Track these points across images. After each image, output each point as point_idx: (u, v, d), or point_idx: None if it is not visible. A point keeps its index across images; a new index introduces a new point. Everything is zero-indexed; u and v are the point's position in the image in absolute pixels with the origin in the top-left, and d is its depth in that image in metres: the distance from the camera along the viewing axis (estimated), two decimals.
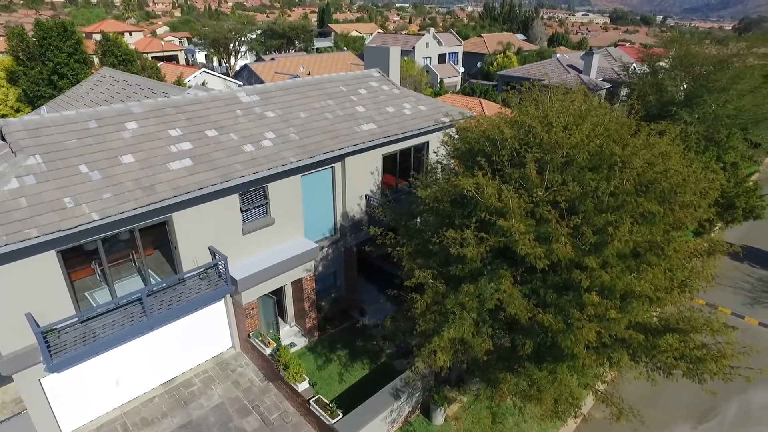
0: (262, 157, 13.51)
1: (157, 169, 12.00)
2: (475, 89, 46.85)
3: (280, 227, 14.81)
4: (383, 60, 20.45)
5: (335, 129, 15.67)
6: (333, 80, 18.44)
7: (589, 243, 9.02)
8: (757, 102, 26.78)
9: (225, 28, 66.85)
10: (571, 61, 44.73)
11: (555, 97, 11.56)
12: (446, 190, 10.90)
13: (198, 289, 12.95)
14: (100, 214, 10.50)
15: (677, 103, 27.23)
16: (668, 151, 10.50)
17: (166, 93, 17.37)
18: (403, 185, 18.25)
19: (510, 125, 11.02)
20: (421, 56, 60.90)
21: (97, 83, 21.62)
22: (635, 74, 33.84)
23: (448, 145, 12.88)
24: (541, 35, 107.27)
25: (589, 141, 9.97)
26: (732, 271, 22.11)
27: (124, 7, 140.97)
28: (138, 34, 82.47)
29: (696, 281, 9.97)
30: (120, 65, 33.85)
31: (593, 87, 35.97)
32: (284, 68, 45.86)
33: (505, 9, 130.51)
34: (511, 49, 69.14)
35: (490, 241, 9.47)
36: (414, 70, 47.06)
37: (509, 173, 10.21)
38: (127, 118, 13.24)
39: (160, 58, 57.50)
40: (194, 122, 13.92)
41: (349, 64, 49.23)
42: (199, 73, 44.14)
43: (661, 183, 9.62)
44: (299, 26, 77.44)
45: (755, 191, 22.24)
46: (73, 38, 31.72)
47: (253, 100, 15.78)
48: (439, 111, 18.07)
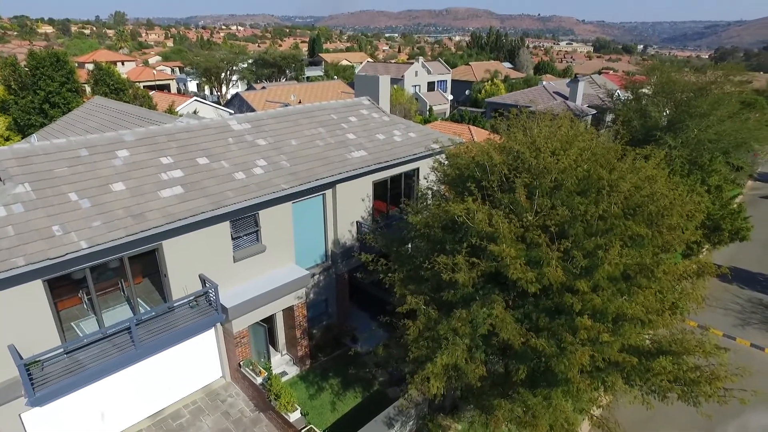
0: (253, 185, 13.54)
1: (147, 197, 11.97)
2: (464, 116, 47.62)
3: (272, 254, 14.74)
4: (373, 88, 20.79)
5: (326, 156, 15.79)
6: (324, 108, 18.68)
7: (579, 266, 9.07)
8: (736, 127, 27.61)
9: (217, 58, 67.67)
10: (557, 88, 45.77)
11: (542, 123, 11.79)
12: (437, 215, 10.96)
13: (188, 317, 12.76)
14: (89, 243, 10.39)
15: (661, 128, 27.92)
16: (654, 174, 10.69)
17: (158, 121, 17.46)
18: (394, 211, 18.33)
19: (499, 151, 11.20)
20: (410, 84, 61.97)
21: (89, 112, 21.69)
22: (619, 100, 34.72)
23: (438, 171, 13.00)
24: (528, 63, 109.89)
25: (577, 166, 10.13)
26: (721, 293, 22.26)
27: (117, 38, 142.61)
28: (130, 63, 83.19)
29: (686, 303, 10.03)
30: (112, 94, 34.06)
31: (579, 113, 36.76)
32: (275, 97, 46.34)
33: (491, 38, 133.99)
34: (499, 76, 70.68)
35: (482, 266, 9.50)
36: (403, 98, 47.82)
37: (499, 198, 10.31)
38: (118, 146, 13.26)
39: (151, 87, 57.91)
40: (186, 150, 13.96)
41: (340, 93, 49.90)
42: (190, 101, 44.43)
43: (649, 206, 9.76)
44: (290, 55, 78.66)
45: (740, 213, 22.64)
46: (65, 68, 31.95)
47: (244, 128, 15.91)
48: (428, 138, 18.31)
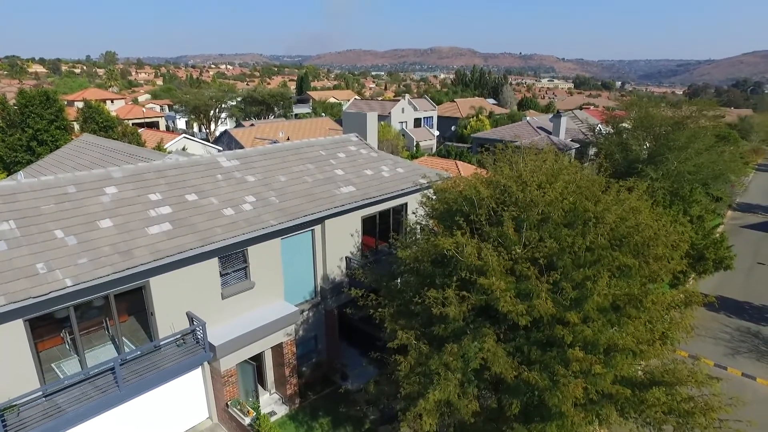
0: (242, 221, 13.53)
1: (135, 234, 11.88)
2: (451, 151, 48.40)
3: (260, 291, 14.59)
4: (361, 125, 21.15)
5: (315, 192, 15.89)
6: (312, 145, 18.92)
7: (569, 298, 9.12)
8: (713, 159, 28.53)
9: (206, 96, 68.46)
10: (540, 123, 46.92)
11: (528, 157, 12.06)
12: (426, 250, 11.01)
13: (174, 356, 12.46)
14: (74, 280, 10.22)
15: (642, 160, 28.67)
16: (638, 206, 10.93)
17: (147, 158, 17.51)
18: (383, 246, 18.34)
19: (486, 185, 11.38)
20: (397, 121, 63.15)
21: (78, 149, 21.69)
22: (601, 135, 35.65)
23: (426, 205, 13.13)
24: (511, 100, 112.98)
25: (563, 198, 10.33)
26: (710, 322, 22.37)
27: (107, 77, 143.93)
28: (120, 101, 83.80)
29: (676, 332, 10.08)
30: (101, 131, 34.18)
31: (563, 147, 37.61)
32: (264, 134, 46.75)
33: (475, 76, 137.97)
34: (483, 112, 72.28)
35: (472, 300, 9.50)
36: (391, 134, 48.60)
37: (487, 232, 10.42)
38: (106, 183, 13.23)
39: (141, 125, 58.21)
40: (174, 187, 13.97)
41: (328, 130, 50.56)
42: (179, 138, 44.66)
43: (634, 237, 9.94)
44: (278, 93, 79.80)
45: (722, 243, 23.04)
46: (55, 106, 32.12)
47: (233, 164, 16.01)
48: (416, 173, 18.56)
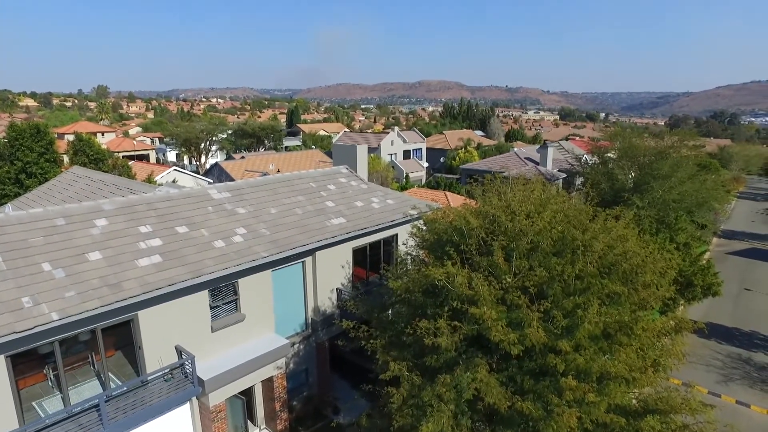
0: (233, 253, 13.50)
1: (124, 266, 11.79)
2: (440, 182, 48.96)
3: (251, 323, 14.42)
4: (351, 157, 21.40)
5: (305, 224, 15.95)
6: (302, 177, 19.08)
7: (560, 326, 9.17)
8: (696, 187, 29.21)
9: (197, 129, 68.90)
10: (528, 154, 47.80)
11: (516, 187, 12.28)
12: (417, 280, 11.04)
13: (162, 391, 12.17)
14: (61, 314, 10.06)
15: (628, 189, 29.22)
16: (625, 234, 11.12)
17: (137, 190, 17.50)
18: (374, 278, 18.30)
19: (475, 215, 11.53)
20: (386, 153, 63.97)
21: (67, 181, 21.61)
22: (587, 165, 36.39)
23: (416, 236, 13.23)
24: (499, 131, 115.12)
25: (552, 227, 10.49)
26: (701, 349, 22.38)
27: (98, 110, 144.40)
28: (110, 134, 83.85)
29: (668, 359, 10.11)
30: (91, 164, 34.12)
31: (550, 177, 38.25)
32: (254, 166, 46.99)
33: (463, 108, 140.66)
34: (472, 144, 73.52)
35: (464, 330, 9.50)
36: (380, 166, 49.17)
37: (478, 261, 10.51)
38: (96, 215, 13.19)
39: (131, 157, 58.24)
40: (165, 219, 13.96)
41: (318, 162, 50.96)
42: (169, 171, 44.74)
43: (622, 264, 10.08)
44: (269, 126, 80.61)
45: (709, 269, 23.30)
46: (45, 139, 32.14)
47: (224, 196, 16.07)
48: (406, 204, 18.73)
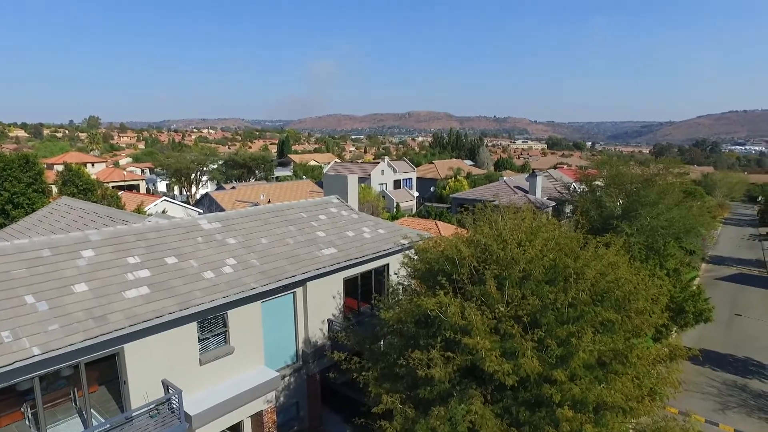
0: (222, 284, 13.32)
1: (111, 298, 11.55)
2: (431, 212, 49.15)
3: (240, 356, 14.10)
4: (341, 187, 21.47)
5: (296, 254, 15.84)
6: (293, 207, 19.06)
7: (554, 355, 9.07)
8: (683, 214, 29.66)
9: (188, 159, 68.98)
10: (517, 183, 48.32)
11: (507, 216, 12.35)
12: (409, 310, 10.94)
13: (147, 428, 11.72)
14: (42, 348, 9.76)
15: (617, 216, 29.53)
16: (616, 261, 11.16)
17: (126, 221, 17.34)
18: (365, 308, 18.11)
19: (467, 244, 11.54)
20: (377, 183, 64.34)
21: (55, 212, 21.37)
22: (576, 193, 36.83)
23: (408, 266, 13.18)
24: (488, 160, 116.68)
25: (543, 255, 10.52)
26: (696, 377, 22.22)
27: (89, 140, 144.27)
28: (101, 164, 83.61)
29: (664, 388, 10.01)
30: (80, 194, 33.83)
31: (540, 205, 38.59)
32: (245, 196, 46.96)
33: (452, 138, 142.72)
34: (461, 173, 74.31)
35: (457, 360, 9.37)
36: (371, 196, 49.35)
37: (470, 291, 10.45)
38: (83, 246, 12.99)
39: (121, 188, 57.96)
40: (154, 249, 13.79)
41: (308, 192, 51.06)
42: (159, 201, 44.49)
43: (615, 291, 10.08)
44: (259, 157, 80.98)
45: (700, 295, 23.37)
46: (34, 169, 31.91)
47: (214, 227, 15.96)
48: (397, 234, 18.72)
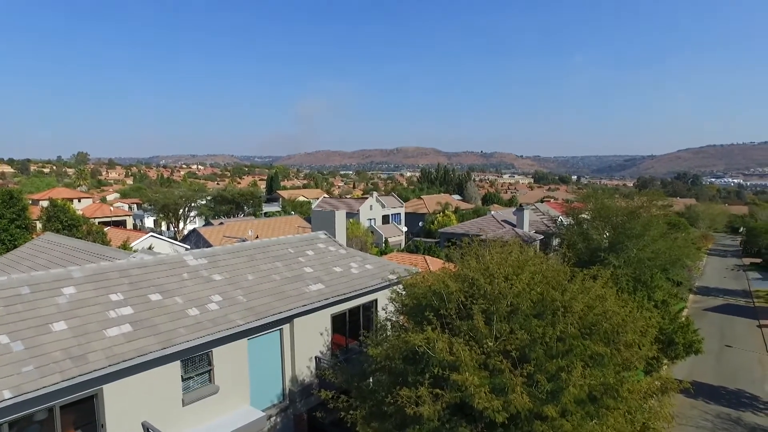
0: (207, 321, 13.06)
1: (91, 337, 11.23)
2: (419, 247, 49.09)
3: (225, 395, 13.69)
4: (329, 222, 21.48)
5: (283, 290, 15.68)
6: (281, 243, 18.98)
7: (545, 390, 8.95)
8: (668, 245, 30.03)
9: (176, 195, 68.82)
10: (504, 217, 48.70)
11: (494, 250, 12.40)
12: (397, 346, 10.81)
13: None
14: (14, 391, 9.37)
15: (604, 249, 29.80)
16: (603, 293, 11.18)
17: (111, 257, 17.10)
18: (353, 345, 17.82)
19: (454, 279, 11.52)
20: (365, 218, 64.50)
21: (37, 248, 21.01)
22: (563, 226, 37.20)
23: (396, 301, 13.10)
24: (475, 195, 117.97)
25: (531, 289, 10.52)
26: (689, 410, 21.93)
27: (76, 176, 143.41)
28: (88, 200, 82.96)
29: (657, 422, 9.86)
30: (64, 230, 33.36)
31: (527, 239, 38.80)
32: (232, 232, 46.62)
33: (440, 173, 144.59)
34: (449, 208, 74.81)
35: (446, 397, 9.20)
36: (359, 231, 49.33)
37: (458, 326, 10.38)
38: (65, 283, 12.72)
39: (107, 223, 57.39)
40: (138, 286, 13.56)
41: (297, 227, 50.93)
42: (146, 237, 44.03)
43: (603, 324, 10.06)
44: (248, 193, 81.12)
45: (689, 326, 23.33)
46: (18, 205, 31.56)
47: (200, 263, 15.79)
48: (385, 269, 18.63)
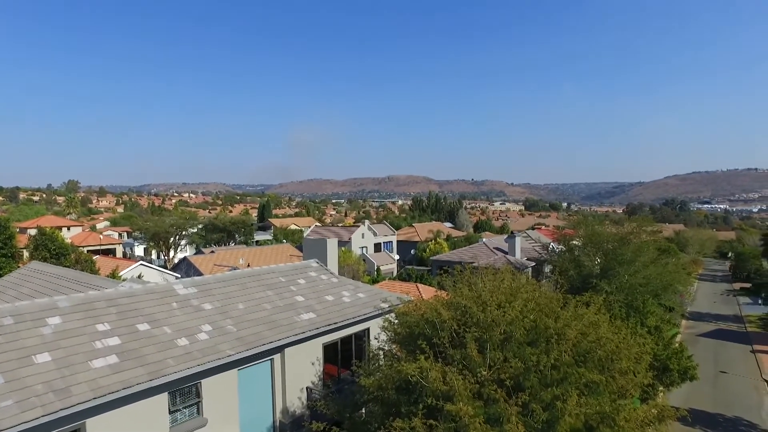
0: (196, 351, 12.80)
1: (75, 369, 10.93)
2: (411, 274, 48.90)
3: (214, 428, 13.28)
4: (321, 251, 21.38)
5: (274, 319, 15.48)
6: (272, 271, 18.83)
7: (540, 420, 8.80)
8: (659, 271, 30.17)
9: (167, 223, 68.35)
10: (496, 244, 48.83)
11: (486, 277, 12.38)
12: (390, 376, 10.65)
13: None
14: None
15: (595, 275, 29.84)
16: (597, 320, 11.15)
17: (99, 286, 16.86)
18: (345, 374, 17.50)
19: (447, 307, 11.45)
20: (357, 246, 64.30)
21: (23, 277, 20.66)
22: (554, 253, 37.30)
23: (388, 330, 12.97)
24: (467, 223, 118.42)
25: (524, 317, 10.47)
26: None
27: (66, 204, 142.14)
28: (77, 228, 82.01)
29: None
30: (52, 259, 32.89)
31: (519, 266, 38.83)
32: (224, 260, 46.26)
33: (432, 201, 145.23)
34: (441, 236, 74.89)
35: (440, 428, 9.01)
36: (351, 260, 49.15)
37: (451, 354, 10.26)
38: (50, 313, 12.46)
39: (96, 252, 56.70)
40: (125, 316, 13.31)
41: (288, 256, 50.64)
42: (135, 265, 43.46)
43: (597, 351, 9.99)
44: (240, 221, 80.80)
45: (683, 352, 23.20)
46: (5, 233, 31.16)
47: (190, 292, 15.59)
48: (377, 297, 18.50)
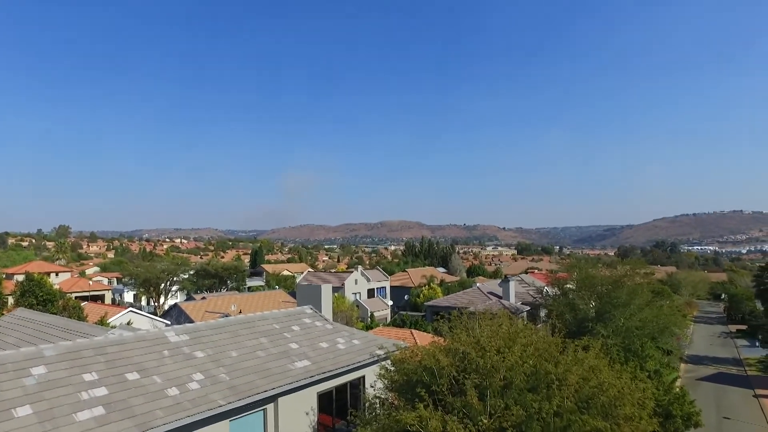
0: (187, 401, 12.37)
1: (58, 422, 10.48)
2: (406, 320, 48.24)
3: None
4: (315, 297, 21.18)
5: (268, 368, 15.11)
6: (265, 318, 18.56)
7: None
8: (654, 314, 30.01)
9: (158, 269, 67.39)
10: (490, 289, 48.57)
11: (483, 322, 12.27)
12: (388, 426, 10.35)
13: None
14: None
15: (591, 318, 29.62)
16: (597, 364, 11.00)
17: (88, 334, 16.44)
18: (340, 425, 16.92)
19: (445, 353, 11.28)
20: (350, 292, 63.54)
21: (8, 325, 20.11)
22: (549, 296, 37.14)
23: (385, 377, 12.70)
24: (460, 267, 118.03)
25: (523, 362, 10.31)
26: None
27: (56, 249, 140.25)
28: (66, 274, 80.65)
29: None
30: (39, 305, 32.14)
31: (515, 310, 38.51)
32: (215, 307, 45.46)
33: (424, 246, 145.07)
34: (435, 281, 74.32)
35: None
36: (345, 306, 48.51)
37: (451, 402, 10.02)
38: (34, 363, 12.06)
39: (85, 298, 55.58)
40: (114, 365, 12.93)
41: (281, 302, 49.90)
42: (125, 312, 42.49)
43: (600, 397, 9.81)
44: (232, 267, 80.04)
45: (685, 397, 22.63)
46: None
47: (181, 339, 15.25)
48: (372, 344, 18.20)
